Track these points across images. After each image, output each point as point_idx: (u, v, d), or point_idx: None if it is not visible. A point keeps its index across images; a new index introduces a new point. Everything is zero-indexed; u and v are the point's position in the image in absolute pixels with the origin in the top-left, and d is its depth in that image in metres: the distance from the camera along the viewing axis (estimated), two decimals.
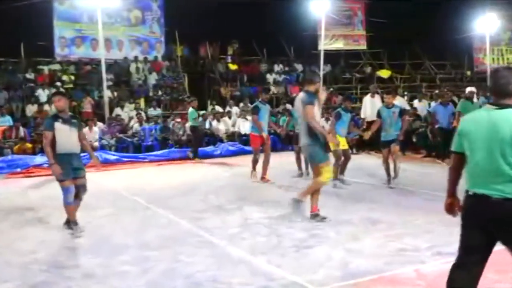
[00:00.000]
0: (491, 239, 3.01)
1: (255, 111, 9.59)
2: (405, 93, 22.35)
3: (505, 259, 3.18)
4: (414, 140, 13.72)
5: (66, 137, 6.08)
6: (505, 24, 25.65)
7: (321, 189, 6.49)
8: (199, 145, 13.62)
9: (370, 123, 11.49)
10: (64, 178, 6.00)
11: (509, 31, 27.91)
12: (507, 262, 3.29)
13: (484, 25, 21.60)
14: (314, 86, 6.43)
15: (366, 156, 13.18)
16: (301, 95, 6.50)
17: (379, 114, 8.91)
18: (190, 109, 13.42)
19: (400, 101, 14.98)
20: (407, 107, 15.36)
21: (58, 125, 6.05)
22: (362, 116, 14.19)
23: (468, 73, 27.23)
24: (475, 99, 12.51)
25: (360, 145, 13.76)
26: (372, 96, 13.85)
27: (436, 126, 11.90)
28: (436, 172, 9.93)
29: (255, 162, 9.65)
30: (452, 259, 4.71)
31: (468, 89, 12.12)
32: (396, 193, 8.32)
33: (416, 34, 23.56)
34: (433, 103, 15.11)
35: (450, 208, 3.33)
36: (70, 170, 6.04)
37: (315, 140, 6.29)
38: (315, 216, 6.36)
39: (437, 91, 17.95)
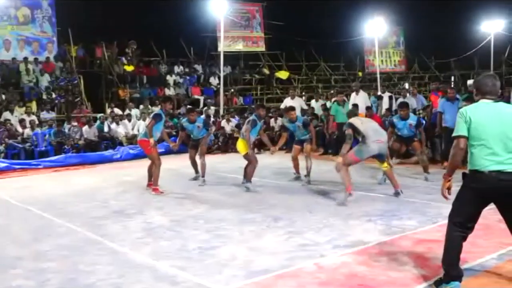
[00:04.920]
0: None
1: (156, 118, 8.73)
2: (303, 93, 23.27)
3: None
4: None
5: None
6: (391, 28, 27.52)
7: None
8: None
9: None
10: None
11: (395, 35, 30.00)
12: None
13: (373, 29, 22.93)
14: None
15: (268, 156, 13.43)
16: None
17: (285, 128, 9.68)
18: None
19: (298, 101, 15.59)
20: (305, 107, 15.99)
21: None
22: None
23: (360, 73, 28.87)
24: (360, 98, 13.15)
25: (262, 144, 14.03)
26: (357, 94, 13.95)
27: (444, 125, 10.33)
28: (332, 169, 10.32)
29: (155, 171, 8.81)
30: (348, 251, 5.02)
31: (470, 82, 11.77)
32: (297, 189, 8.60)
33: (311, 36, 24.48)
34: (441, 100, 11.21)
35: None
36: None
37: None
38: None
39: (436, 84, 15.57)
